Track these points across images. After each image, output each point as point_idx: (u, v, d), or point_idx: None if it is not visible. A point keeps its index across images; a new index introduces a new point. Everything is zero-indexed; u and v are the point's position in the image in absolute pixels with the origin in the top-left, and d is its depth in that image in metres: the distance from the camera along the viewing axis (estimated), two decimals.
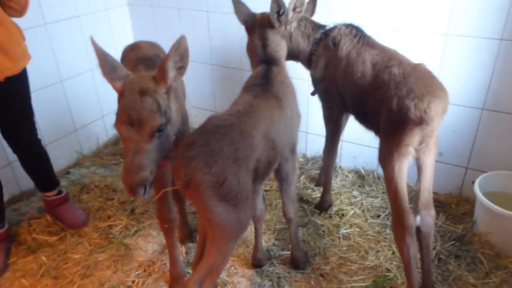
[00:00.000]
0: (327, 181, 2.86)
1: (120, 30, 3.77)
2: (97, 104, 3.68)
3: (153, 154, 1.57)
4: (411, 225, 1.95)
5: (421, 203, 2.03)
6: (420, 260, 2.16)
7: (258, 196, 2.23)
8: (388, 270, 2.38)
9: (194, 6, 3.45)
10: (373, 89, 2.08)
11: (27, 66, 2.39)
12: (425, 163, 2.02)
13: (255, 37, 2.17)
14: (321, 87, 2.50)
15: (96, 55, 1.59)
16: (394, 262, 2.42)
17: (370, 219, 2.77)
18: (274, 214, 2.86)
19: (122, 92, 1.55)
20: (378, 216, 2.81)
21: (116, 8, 3.68)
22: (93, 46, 1.59)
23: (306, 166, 3.37)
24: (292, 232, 2.33)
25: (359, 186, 3.11)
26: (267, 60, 2.11)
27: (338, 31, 2.35)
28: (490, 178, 2.61)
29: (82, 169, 3.46)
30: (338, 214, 2.84)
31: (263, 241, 2.55)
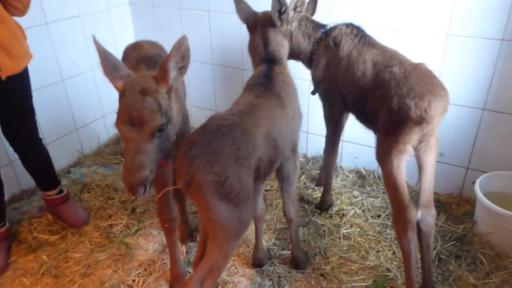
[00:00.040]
0: (328, 181, 2.86)
1: (122, 30, 3.77)
2: (98, 104, 3.69)
3: (154, 154, 1.58)
4: (413, 219, 1.96)
5: (422, 203, 2.03)
6: (421, 260, 2.16)
7: (259, 196, 2.23)
8: (389, 270, 2.38)
9: (195, 6, 3.45)
10: (374, 88, 2.08)
11: (29, 65, 2.39)
12: (426, 163, 2.02)
13: (257, 36, 2.17)
14: (322, 87, 2.50)
15: (98, 54, 1.59)
16: (395, 262, 2.42)
17: (371, 219, 2.77)
18: (275, 214, 2.86)
19: (123, 92, 1.55)
20: (379, 216, 2.81)
21: (118, 8, 3.69)
22: (95, 45, 1.59)
23: (307, 166, 3.37)
24: (293, 232, 2.33)
25: (360, 186, 3.12)
26: (269, 59, 2.10)
27: (339, 31, 2.35)
28: (491, 179, 2.61)
29: (83, 168, 3.47)
30: (339, 214, 2.84)
31: (264, 241, 2.55)
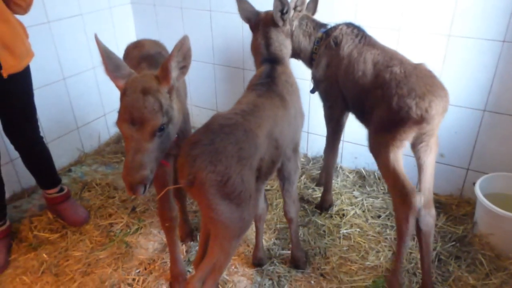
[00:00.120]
0: (328, 181, 2.86)
1: (123, 29, 3.77)
2: (99, 102, 3.69)
3: (154, 153, 1.58)
4: (416, 205, 1.96)
5: (422, 203, 2.03)
6: (420, 260, 2.17)
7: (260, 196, 2.23)
8: (389, 271, 2.37)
9: (197, 5, 3.45)
10: (373, 88, 2.08)
11: (30, 64, 2.39)
12: (426, 163, 2.03)
13: (259, 36, 2.17)
14: (323, 87, 2.50)
15: (100, 53, 1.59)
16: None
17: (371, 220, 2.77)
18: (275, 214, 2.86)
19: (125, 91, 1.55)
20: (379, 217, 2.81)
21: (119, 7, 3.69)
22: (97, 44, 1.59)
23: (307, 166, 3.37)
24: (293, 232, 2.33)
25: (360, 187, 3.12)
26: (271, 59, 2.10)
27: (340, 31, 2.35)
28: (491, 180, 2.61)
29: (84, 167, 3.47)
30: (339, 214, 2.84)
31: (264, 240, 2.55)
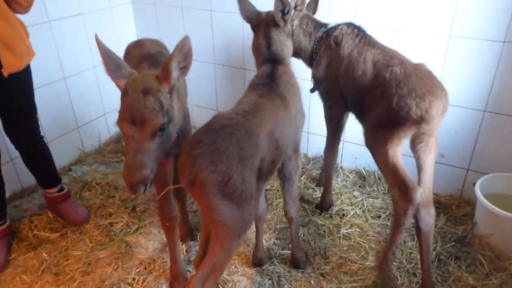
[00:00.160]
0: (328, 181, 2.86)
1: (124, 28, 3.77)
2: (100, 102, 3.69)
3: (155, 153, 1.58)
4: (416, 200, 1.97)
5: (421, 202, 2.04)
6: (420, 260, 2.17)
7: (261, 196, 2.23)
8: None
9: (198, 5, 3.45)
10: (373, 87, 2.09)
11: (31, 63, 2.39)
12: (426, 163, 2.04)
13: (260, 36, 2.17)
14: (323, 86, 2.50)
15: (100, 53, 1.59)
16: (394, 263, 2.42)
17: (371, 220, 2.78)
18: (275, 214, 2.86)
19: (126, 91, 1.55)
20: (379, 217, 2.81)
21: (120, 6, 3.69)
22: (98, 44, 1.59)
23: (307, 166, 3.38)
24: (293, 232, 2.33)
25: (360, 187, 3.12)
26: (272, 59, 2.10)
27: (340, 31, 2.36)
28: (491, 180, 2.61)
29: (84, 167, 3.47)
30: (339, 214, 2.84)
31: (264, 240, 2.55)
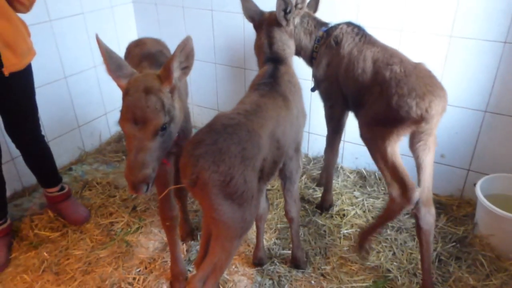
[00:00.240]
0: (328, 181, 2.86)
1: (125, 28, 3.77)
2: (100, 101, 3.68)
3: (156, 152, 1.59)
4: (415, 201, 2.00)
5: (421, 201, 2.05)
6: (421, 259, 2.18)
7: (262, 196, 2.23)
8: (389, 271, 2.38)
9: (199, 5, 3.45)
10: (373, 85, 2.09)
11: (32, 62, 2.39)
12: (425, 162, 2.05)
13: (262, 35, 2.17)
14: (323, 86, 2.50)
15: (101, 53, 1.60)
16: (395, 263, 2.43)
17: (372, 220, 2.77)
18: (276, 213, 2.86)
19: (127, 90, 1.56)
20: None
21: (121, 6, 3.69)
22: (98, 44, 1.60)
23: (308, 166, 3.38)
24: (294, 232, 2.33)
25: (361, 187, 3.12)
26: (274, 59, 2.10)
27: (340, 30, 2.36)
28: (492, 181, 2.61)
29: (85, 166, 3.47)
30: (339, 214, 2.84)
31: (264, 240, 2.55)
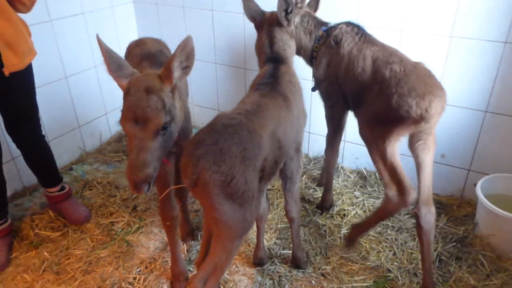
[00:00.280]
0: (329, 180, 2.86)
1: (125, 28, 3.78)
2: (101, 101, 3.68)
3: (157, 152, 1.59)
4: (410, 202, 2.03)
5: (422, 200, 2.06)
6: (421, 259, 2.18)
7: (263, 196, 2.23)
8: (389, 271, 2.38)
9: (199, 5, 3.45)
10: (372, 84, 2.09)
11: (32, 62, 2.39)
12: (424, 161, 2.06)
13: (263, 35, 2.17)
14: (323, 86, 2.51)
15: (102, 53, 1.60)
16: (395, 263, 2.43)
17: None
18: (276, 213, 2.87)
19: (128, 90, 1.56)
20: None
21: (121, 6, 3.69)
22: (99, 44, 1.60)
23: (308, 166, 3.38)
24: (294, 232, 2.33)
25: (361, 187, 3.12)
26: (274, 59, 2.10)
27: (340, 30, 2.36)
28: (492, 181, 2.62)
29: (85, 166, 3.47)
30: (340, 214, 2.84)
31: (265, 240, 2.55)
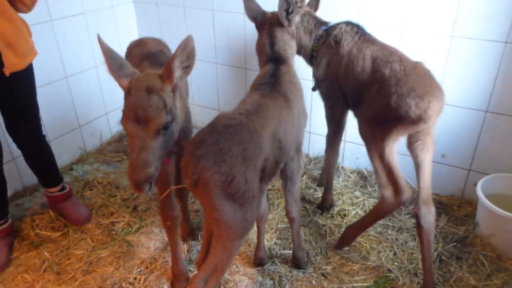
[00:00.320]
0: (329, 180, 2.86)
1: (126, 28, 3.78)
2: (101, 101, 3.68)
3: (158, 151, 1.59)
4: (405, 203, 2.11)
5: (421, 200, 2.07)
6: (421, 258, 2.18)
7: (263, 196, 2.23)
8: (390, 271, 2.38)
9: (199, 5, 3.45)
10: (371, 83, 2.09)
11: (33, 62, 2.39)
12: (424, 161, 2.07)
13: (264, 35, 2.18)
14: (324, 86, 2.51)
15: (103, 53, 1.60)
16: (396, 263, 2.43)
17: None
18: (276, 214, 2.87)
19: (129, 90, 1.56)
20: None
21: (122, 6, 3.69)
22: (100, 44, 1.60)
23: (309, 166, 3.38)
24: (294, 232, 2.33)
25: (361, 187, 3.12)
26: (275, 59, 2.10)
27: (339, 29, 2.36)
28: (493, 181, 2.62)
29: (85, 166, 3.47)
30: (340, 214, 2.84)
31: (265, 240, 2.55)
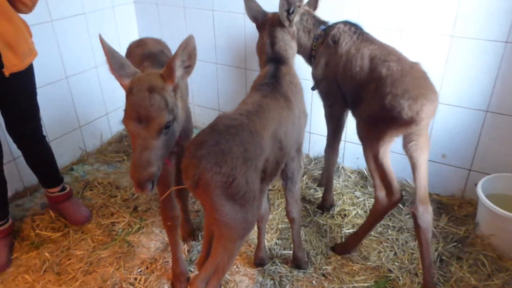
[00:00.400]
0: (329, 180, 2.86)
1: (126, 28, 3.78)
2: (102, 101, 3.68)
3: (160, 150, 1.60)
4: (398, 203, 2.17)
5: (418, 200, 2.09)
6: (421, 258, 2.18)
7: (264, 196, 2.23)
8: (390, 271, 2.38)
9: (200, 5, 3.45)
10: (369, 82, 2.10)
11: (33, 62, 2.39)
12: (418, 161, 2.09)
13: (264, 35, 2.18)
14: (323, 86, 2.51)
15: (105, 53, 1.60)
16: (396, 263, 2.43)
17: None
18: (277, 214, 2.87)
19: (131, 89, 1.56)
20: None
21: (122, 6, 3.69)
22: (102, 44, 1.60)
23: (309, 166, 3.38)
24: (295, 232, 2.33)
25: (362, 187, 3.12)
26: (275, 59, 2.10)
27: (338, 29, 2.37)
28: (493, 181, 2.62)
29: (86, 166, 3.47)
30: (341, 215, 2.84)
31: (266, 240, 2.55)
